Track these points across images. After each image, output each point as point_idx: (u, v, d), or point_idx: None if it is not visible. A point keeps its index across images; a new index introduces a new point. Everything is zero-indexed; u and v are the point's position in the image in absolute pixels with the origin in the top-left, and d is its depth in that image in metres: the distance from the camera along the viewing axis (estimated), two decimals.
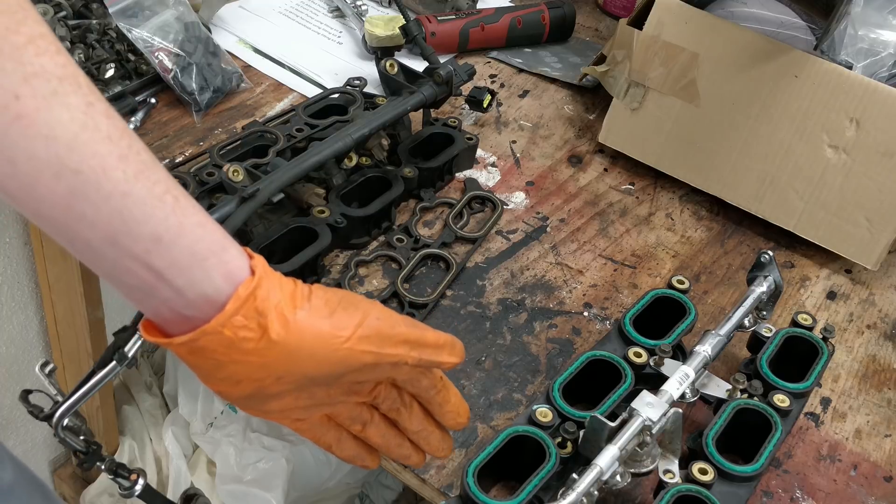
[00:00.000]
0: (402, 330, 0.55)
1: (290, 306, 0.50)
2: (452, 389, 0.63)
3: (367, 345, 0.53)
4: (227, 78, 1.05)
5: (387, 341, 0.54)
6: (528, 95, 1.16)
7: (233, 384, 0.52)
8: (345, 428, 0.61)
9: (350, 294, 0.55)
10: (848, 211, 0.93)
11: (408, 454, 0.64)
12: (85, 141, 0.45)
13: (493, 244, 0.95)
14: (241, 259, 0.50)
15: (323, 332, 0.51)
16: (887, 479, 0.78)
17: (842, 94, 0.91)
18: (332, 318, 0.52)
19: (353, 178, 0.91)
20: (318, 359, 0.51)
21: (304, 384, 0.53)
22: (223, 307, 0.49)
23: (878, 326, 0.92)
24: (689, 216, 1.02)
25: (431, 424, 0.63)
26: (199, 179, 0.87)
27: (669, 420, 0.69)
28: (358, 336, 0.52)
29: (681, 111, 0.99)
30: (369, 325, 0.53)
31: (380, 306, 0.55)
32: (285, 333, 0.50)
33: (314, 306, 0.51)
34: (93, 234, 0.46)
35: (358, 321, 0.53)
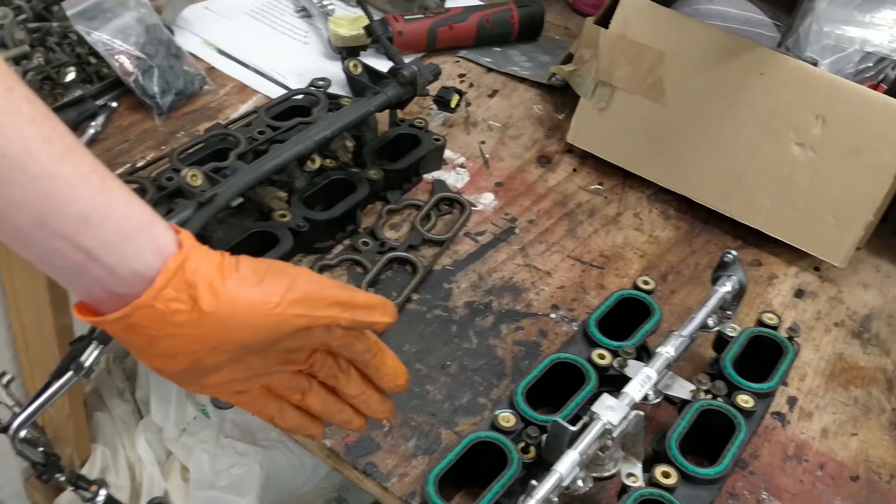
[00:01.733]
0: (333, 292, 0.55)
1: (220, 277, 0.51)
2: (388, 352, 0.63)
3: (299, 308, 0.53)
4: (190, 80, 1.04)
5: (318, 304, 0.54)
6: (497, 95, 1.15)
7: (168, 359, 0.52)
8: (285, 399, 0.61)
9: (277, 262, 0.56)
10: (815, 208, 0.93)
11: (349, 419, 0.64)
12: (8, 125, 0.45)
13: (460, 246, 0.94)
14: (169, 234, 0.51)
15: (253, 300, 0.51)
16: (854, 479, 0.77)
17: (808, 92, 0.91)
18: (262, 285, 0.52)
19: (316, 180, 0.90)
20: (251, 326, 0.52)
21: (239, 354, 0.53)
22: (153, 281, 0.49)
23: (846, 324, 0.92)
24: (658, 216, 1.01)
25: (370, 388, 0.63)
26: (158, 184, 0.86)
27: (631, 423, 0.68)
28: (289, 300, 0.53)
29: (648, 110, 0.99)
30: (299, 289, 0.53)
31: (308, 271, 0.56)
32: (216, 303, 0.50)
33: (243, 276, 0.52)
34: (21, 217, 0.47)
35: (287, 286, 0.53)
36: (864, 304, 0.94)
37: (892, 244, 1.01)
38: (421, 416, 0.77)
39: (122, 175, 0.92)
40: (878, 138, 0.89)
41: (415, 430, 0.76)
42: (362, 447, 0.74)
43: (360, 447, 0.74)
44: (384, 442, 0.74)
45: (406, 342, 0.83)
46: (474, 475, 0.70)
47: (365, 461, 0.73)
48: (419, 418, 0.77)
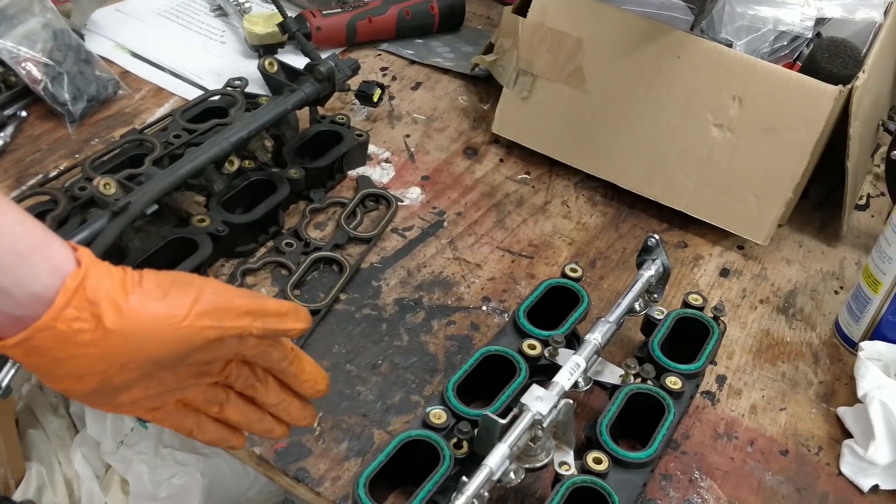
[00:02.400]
0: (241, 301, 0.54)
1: (122, 293, 0.49)
2: (306, 358, 0.62)
3: (207, 320, 0.52)
4: (103, 85, 1.01)
5: (226, 314, 0.53)
6: (420, 87, 1.14)
7: (76, 380, 0.51)
8: (203, 412, 0.60)
9: (183, 273, 0.54)
10: (736, 188, 0.94)
11: (270, 427, 0.63)
12: None
13: (388, 243, 0.93)
14: (65, 252, 0.50)
15: (159, 314, 0.50)
16: (783, 453, 0.78)
17: (723, 73, 0.92)
18: (167, 298, 0.51)
19: (235, 182, 0.88)
20: (159, 341, 0.50)
21: (150, 370, 0.52)
22: (53, 302, 0.48)
23: (771, 301, 0.93)
24: (585, 202, 1.01)
25: (290, 395, 0.62)
26: (70, 195, 0.83)
27: (561, 412, 0.68)
28: (196, 313, 0.51)
29: (570, 98, 0.99)
30: (206, 301, 0.52)
31: (215, 282, 0.55)
32: (121, 320, 0.49)
33: (146, 290, 0.51)
34: None
35: (194, 298, 0.52)
36: (787, 279, 0.96)
37: (812, 220, 1.03)
38: (352, 417, 0.76)
39: (33, 186, 0.89)
40: (794, 116, 0.90)
41: (346, 432, 0.75)
42: (292, 453, 0.72)
43: (290, 453, 0.72)
44: (315, 446, 0.73)
45: (335, 343, 0.82)
46: (408, 474, 0.69)
47: (296, 467, 0.72)
48: (351, 420, 0.76)
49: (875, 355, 0.82)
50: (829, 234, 1.02)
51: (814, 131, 0.90)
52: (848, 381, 0.85)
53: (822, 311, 0.92)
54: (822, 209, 1.05)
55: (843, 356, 0.88)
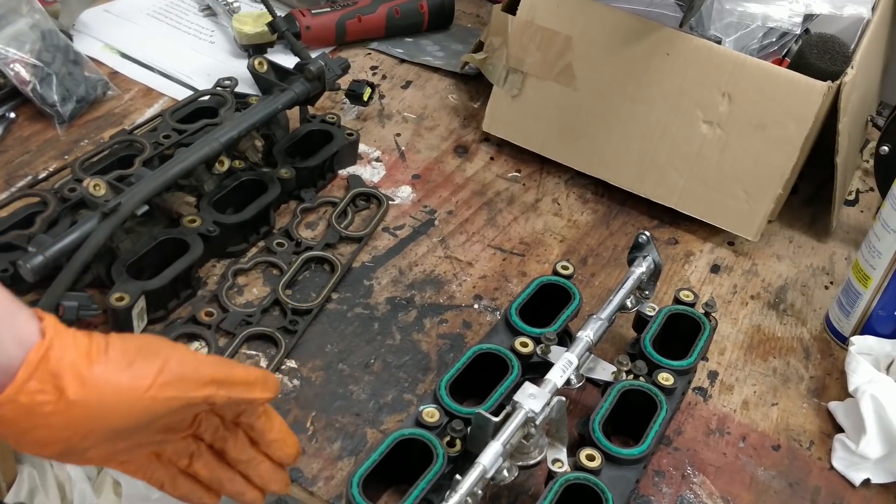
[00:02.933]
0: (208, 370, 0.55)
1: (86, 363, 0.50)
2: (276, 418, 0.62)
3: (171, 391, 0.53)
4: (92, 86, 1.00)
5: (191, 385, 0.54)
6: (411, 86, 1.14)
7: (42, 447, 0.51)
8: (173, 464, 0.60)
9: (152, 340, 0.55)
10: (726, 184, 0.94)
11: (241, 490, 0.62)
12: None
13: (379, 242, 0.93)
14: (32, 323, 0.50)
15: (122, 385, 0.51)
16: (775, 448, 0.79)
17: (713, 70, 0.92)
18: (131, 368, 0.52)
19: (225, 183, 0.88)
20: (122, 412, 0.51)
21: (113, 436, 0.53)
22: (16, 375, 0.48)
23: (762, 296, 0.93)
24: (575, 200, 1.02)
25: (260, 454, 0.62)
26: (60, 196, 0.83)
27: (554, 409, 0.68)
28: (160, 383, 0.52)
29: (560, 95, 0.99)
30: (171, 371, 0.53)
31: (183, 349, 0.55)
32: (84, 391, 0.50)
33: (111, 359, 0.51)
34: None
35: (158, 368, 0.52)
36: (778, 275, 0.96)
37: (802, 215, 1.04)
38: (345, 416, 0.76)
39: (22, 188, 0.89)
40: (783, 112, 0.91)
41: (339, 431, 0.75)
42: None
43: None
44: (309, 446, 0.73)
45: (328, 342, 0.82)
46: (402, 473, 0.69)
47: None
48: (343, 419, 0.76)
49: (865, 350, 0.82)
50: (818, 230, 1.02)
51: (803, 127, 0.90)
52: (839, 375, 0.85)
53: (812, 306, 0.93)
54: (811, 205, 1.06)
55: (834, 351, 0.88)
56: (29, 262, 0.72)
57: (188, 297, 0.82)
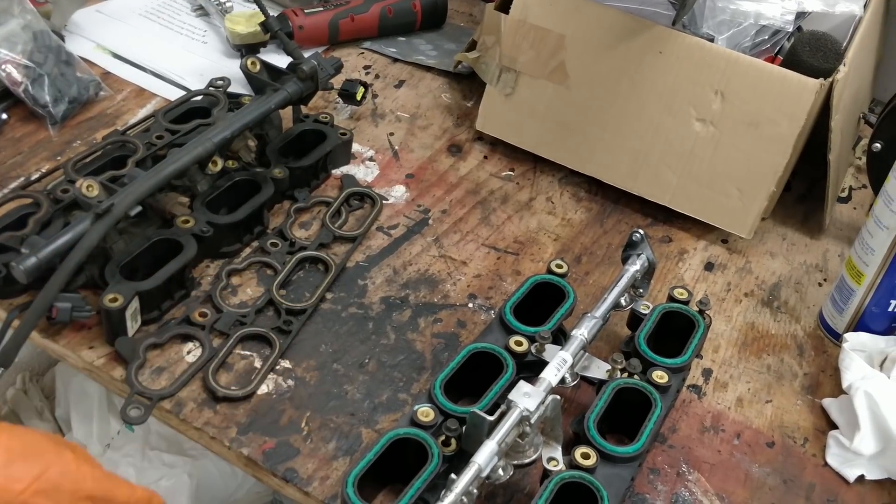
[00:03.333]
0: (88, 486, 0.54)
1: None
2: None
3: (43, 499, 0.52)
4: (84, 87, 1.00)
5: (66, 497, 0.53)
6: (404, 85, 1.14)
7: None
8: None
9: (41, 441, 0.55)
10: (719, 182, 0.95)
11: None
12: None
13: (373, 241, 0.93)
14: None
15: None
16: (769, 445, 0.79)
17: (705, 68, 0.92)
18: (8, 468, 0.51)
19: (219, 183, 0.88)
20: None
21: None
22: None
23: (756, 293, 0.93)
24: (569, 198, 1.02)
25: None
26: (53, 197, 0.83)
27: (548, 408, 0.68)
28: (33, 490, 0.52)
29: (553, 94, 0.99)
30: (48, 479, 0.52)
31: (69, 459, 0.54)
32: None
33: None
34: None
35: (36, 473, 0.52)
36: (771, 272, 0.96)
37: (795, 213, 1.04)
38: (340, 416, 0.76)
39: (15, 189, 0.88)
40: (776, 110, 0.91)
41: (334, 431, 0.75)
42: (281, 453, 0.72)
43: (278, 453, 0.72)
44: (303, 446, 0.73)
45: (322, 342, 0.82)
46: (397, 472, 0.69)
47: (284, 467, 0.71)
48: (338, 419, 0.75)
49: (859, 346, 0.82)
50: (812, 227, 1.02)
51: (796, 125, 0.90)
52: (832, 372, 0.85)
53: (806, 303, 0.93)
54: (804, 202, 1.06)
55: (828, 348, 0.88)
56: (22, 264, 0.72)
57: (182, 298, 0.81)
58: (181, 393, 0.75)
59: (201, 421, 0.74)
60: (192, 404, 0.74)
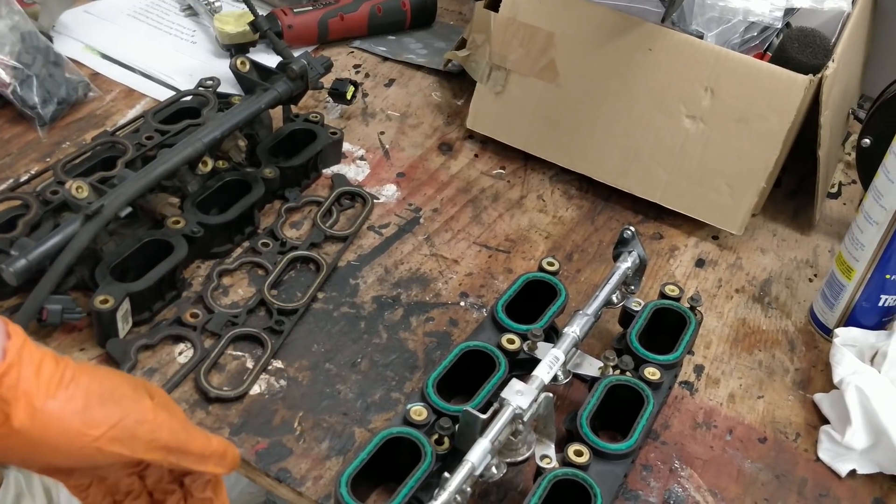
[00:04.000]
0: (164, 436, 0.54)
1: (42, 394, 0.49)
2: (221, 497, 0.61)
3: (118, 446, 0.52)
4: (73, 88, 1.00)
5: (142, 446, 0.53)
6: (394, 84, 1.14)
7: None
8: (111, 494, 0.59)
9: (122, 386, 0.54)
10: (710, 179, 0.95)
11: None
12: None
13: (365, 240, 0.93)
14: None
15: (71, 428, 0.50)
16: (762, 441, 0.79)
17: (695, 64, 0.92)
18: (87, 412, 0.51)
19: (209, 183, 0.88)
20: (61, 452, 0.50)
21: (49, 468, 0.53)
22: None
23: (747, 289, 0.94)
24: (560, 196, 1.02)
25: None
26: (42, 199, 0.82)
27: (541, 406, 0.68)
28: (109, 437, 0.51)
29: (543, 92, 0.99)
30: (125, 427, 0.52)
31: (148, 406, 0.54)
32: (30, 423, 0.49)
33: (70, 396, 0.50)
34: None
35: (114, 421, 0.52)
36: (762, 268, 0.97)
37: (785, 208, 1.04)
38: (333, 416, 0.76)
39: (4, 191, 0.88)
40: (765, 106, 0.91)
41: (327, 431, 0.74)
42: (273, 453, 0.72)
43: (270, 453, 0.72)
44: (296, 446, 0.73)
45: (314, 342, 0.81)
46: (390, 472, 0.69)
47: (277, 467, 0.71)
48: (331, 419, 0.75)
49: (850, 341, 0.83)
50: (802, 223, 1.03)
51: (785, 120, 0.90)
52: (824, 367, 0.86)
53: (796, 298, 0.93)
54: (794, 198, 1.06)
55: (819, 343, 0.89)
56: (11, 266, 0.71)
57: (173, 299, 0.81)
58: (173, 394, 0.75)
59: (194, 422, 0.73)
60: (184, 405, 0.74)
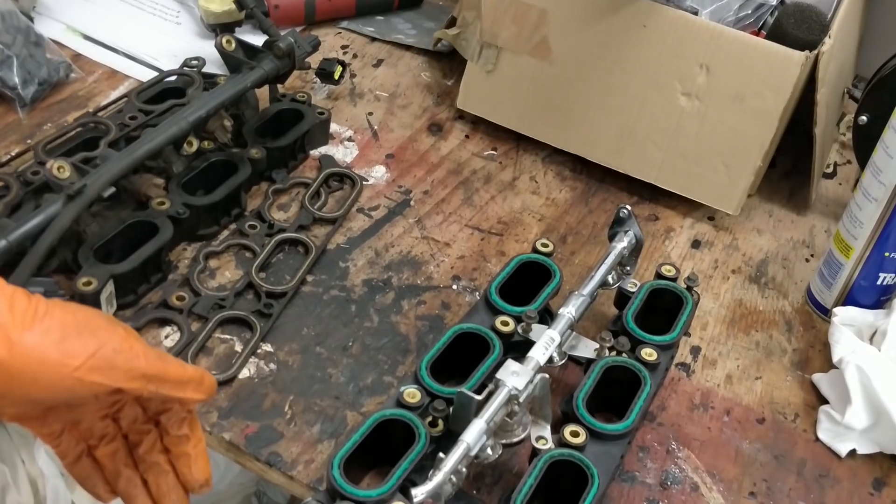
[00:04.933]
0: (141, 364, 0.54)
1: (19, 327, 0.49)
2: (198, 432, 0.61)
3: (97, 376, 0.52)
4: (54, 69, 0.97)
5: (121, 374, 0.53)
6: (382, 65, 1.12)
7: None
8: (84, 441, 0.59)
9: (95, 317, 0.54)
10: (705, 158, 0.93)
11: (133, 494, 0.60)
12: None
13: (354, 223, 0.91)
14: None
15: (50, 358, 0.50)
16: (760, 422, 0.78)
17: (690, 41, 0.91)
18: (64, 343, 0.51)
19: (195, 164, 0.86)
20: (42, 385, 0.50)
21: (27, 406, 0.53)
22: None
23: (743, 270, 0.93)
24: (553, 177, 1.00)
25: (168, 463, 0.60)
26: (23, 180, 0.80)
27: (537, 387, 0.67)
28: (89, 366, 0.51)
29: (536, 70, 0.97)
30: (103, 356, 0.52)
31: (122, 336, 0.54)
32: (8, 355, 0.49)
33: (47, 329, 0.50)
34: None
35: (91, 350, 0.51)
36: (759, 249, 0.95)
37: (781, 189, 1.03)
38: (324, 400, 0.74)
39: None
40: (761, 83, 0.89)
41: (319, 414, 0.73)
42: (264, 437, 0.70)
43: (261, 437, 0.70)
44: (287, 430, 0.71)
45: (304, 325, 0.80)
46: (384, 454, 0.67)
47: (267, 451, 0.70)
48: (322, 402, 0.74)
49: (848, 321, 0.81)
50: (798, 203, 1.02)
51: (781, 98, 0.89)
52: (822, 347, 0.84)
53: (793, 279, 0.92)
54: (790, 178, 1.05)
55: (816, 323, 0.88)
56: None
57: (159, 282, 0.79)
58: None
59: None
60: None
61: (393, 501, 0.61)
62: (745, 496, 0.72)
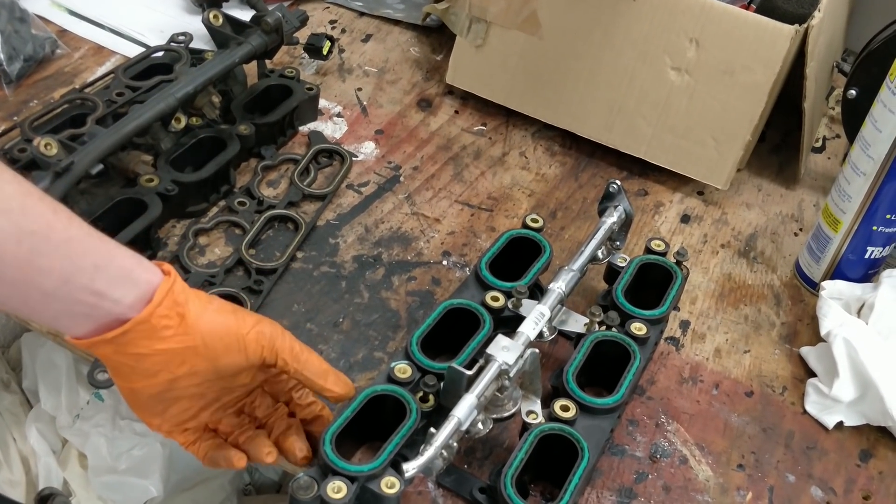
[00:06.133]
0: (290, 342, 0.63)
1: (204, 301, 0.60)
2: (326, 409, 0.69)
3: (265, 340, 0.61)
4: (40, 45, 0.96)
5: (279, 342, 0.62)
6: (371, 40, 1.11)
7: (149, 377, 0.58)
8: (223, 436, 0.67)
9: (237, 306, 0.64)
10: (695, 132, 0.93)
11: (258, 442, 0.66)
12: (30, 206, 0.52)
13: (344, 199, 0.91)
14: (153, 267, 0.59)
15: (229, 323, 0.60)
16: (748, 394, 0.79)
17: (680, 15, 0.90)
18: (236, 314, 0.61)
19: (183, 140, 0.85)
20: (225, 345, 0.59)
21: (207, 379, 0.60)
22: (150, 302, 0.56)
23: (732, 244, 0.93)
24: (543, 153, 1.00)
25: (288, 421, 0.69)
26: (9, 157, 0.80)
27: (527, 361, 0.67)
28: (257, 330, 0.61)
29: (525, 45, 0.97)
30: (264, 327, 0.62)
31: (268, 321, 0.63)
32: (199, 321, 0.58)
33: (219, 305, 0.61)
34: (49, 282, 0.53)
35: (256, 320, 0.62)
36: (748, 223, 0.96)
37: (770, 163, 1.03)
38: None
39: None
40: (751, 57, 0.89)
41: None
42: None
43: None
44: None
45: (294, 302, 0.80)
46: (375, 430, 0.68)
47: None
48: None
49: (836, 294, 0.82)
50: (787, 177, 1.02)
51: (771, 72, 0.89)
52: (810, 321, 0.85)
53: (782, 253, 0.93)
54: (779, 153, 1.05)
55: (805, 297, 0.88)
56: None
57: (148, 259, 0.79)
58: None
59: None
60: None
61: (384, 476, 0.61)
62: (734, 468, 0.73)
